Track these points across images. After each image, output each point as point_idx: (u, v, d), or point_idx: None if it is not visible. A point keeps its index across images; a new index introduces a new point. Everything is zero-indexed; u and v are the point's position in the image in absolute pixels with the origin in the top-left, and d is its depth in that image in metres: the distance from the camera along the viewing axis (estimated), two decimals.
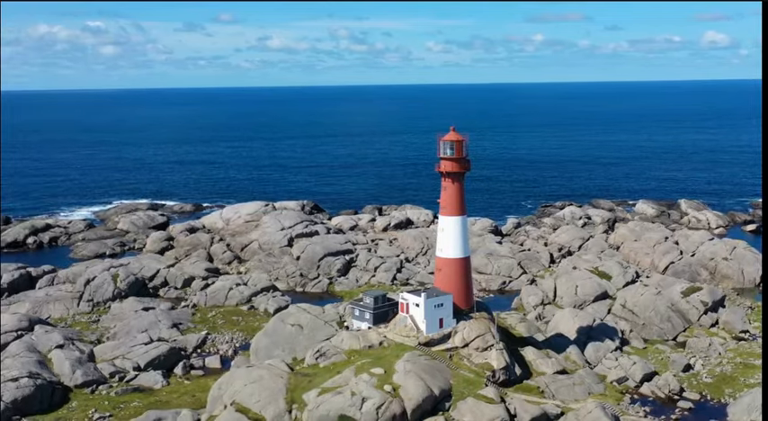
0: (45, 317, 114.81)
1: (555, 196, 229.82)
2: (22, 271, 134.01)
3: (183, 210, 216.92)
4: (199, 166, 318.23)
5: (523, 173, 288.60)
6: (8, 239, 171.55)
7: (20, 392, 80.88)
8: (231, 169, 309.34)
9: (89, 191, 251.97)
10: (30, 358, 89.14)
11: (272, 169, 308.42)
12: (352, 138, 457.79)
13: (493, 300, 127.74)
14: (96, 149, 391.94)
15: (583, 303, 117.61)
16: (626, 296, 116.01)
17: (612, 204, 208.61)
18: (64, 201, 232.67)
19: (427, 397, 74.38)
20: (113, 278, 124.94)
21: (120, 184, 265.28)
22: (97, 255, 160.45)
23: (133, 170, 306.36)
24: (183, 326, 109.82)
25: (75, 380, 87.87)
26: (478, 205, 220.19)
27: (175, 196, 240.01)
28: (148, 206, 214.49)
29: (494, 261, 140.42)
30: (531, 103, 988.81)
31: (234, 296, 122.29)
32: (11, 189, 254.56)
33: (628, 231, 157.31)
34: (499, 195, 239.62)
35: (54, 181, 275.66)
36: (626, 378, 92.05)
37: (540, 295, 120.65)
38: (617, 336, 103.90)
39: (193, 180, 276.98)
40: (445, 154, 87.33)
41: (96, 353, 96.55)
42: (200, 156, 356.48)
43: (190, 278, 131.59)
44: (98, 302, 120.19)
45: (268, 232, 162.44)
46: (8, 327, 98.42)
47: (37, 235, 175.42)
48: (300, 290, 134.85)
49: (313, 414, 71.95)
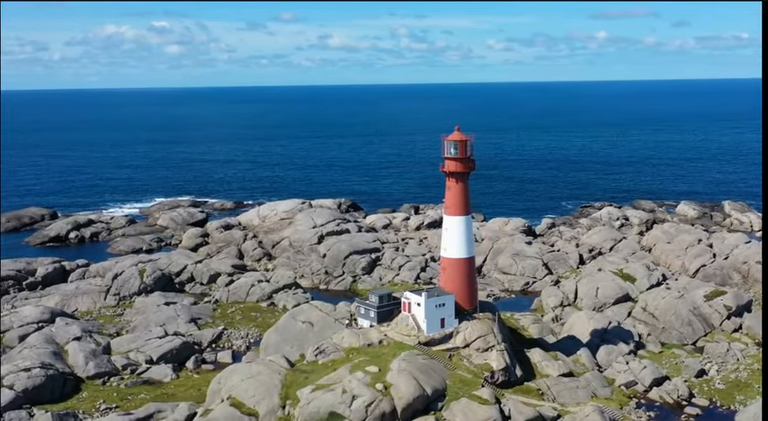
0: (72, 309, 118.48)
1: (597, 197, 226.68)
2: (57, 264, 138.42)
3: (224, 207, 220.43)
4: (245, 164, 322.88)
5: (570, 173, 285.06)
6: (51, 234, 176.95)
7: (31, 382, 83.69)
8: (277, 167, 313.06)
9: (137, 188, 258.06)
10: (46, 349, 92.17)
11: (318, 167, 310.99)
12: (405, 136, 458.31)
13: (514, 301, 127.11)
14: (151, 147, 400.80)
15: (603, 305, 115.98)
16: (647, 299, 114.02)
17: (654, 205, 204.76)
18: (111, 197, 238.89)
19: (418, 396, 74.53)
20: (140, 273, 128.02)
21: (167, 182, 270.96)
22: (134, 250, 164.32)
23: (182, 168, 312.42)
24: (201, 321, 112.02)
25: (88, 372, 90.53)
26: (516, 205, 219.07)
27: (218, 193, 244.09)
28: (190, 203, 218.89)
29: (519, 261, 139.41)
30: (591, 102, 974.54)
31: (255, 292, 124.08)
32: (64, 185, 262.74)
33: (661, 233, 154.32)
34: (540, 195, 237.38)
35: (106, 178, 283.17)
36: (635, 382, 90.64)
37: (560, 296, 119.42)
38: (632, 340, 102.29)
39: (238, 178, 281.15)
40: (450, 153, 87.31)
41: (113, 345, 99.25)
42: (248, 155, 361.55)
43: (215, 274, 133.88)
44: (124, 296, 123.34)
45: (300, 230, 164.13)
46: (30, 319, 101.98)
47: (79, 230, 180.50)
48: (324, 287, 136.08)
49: (304, 410, 72.83)
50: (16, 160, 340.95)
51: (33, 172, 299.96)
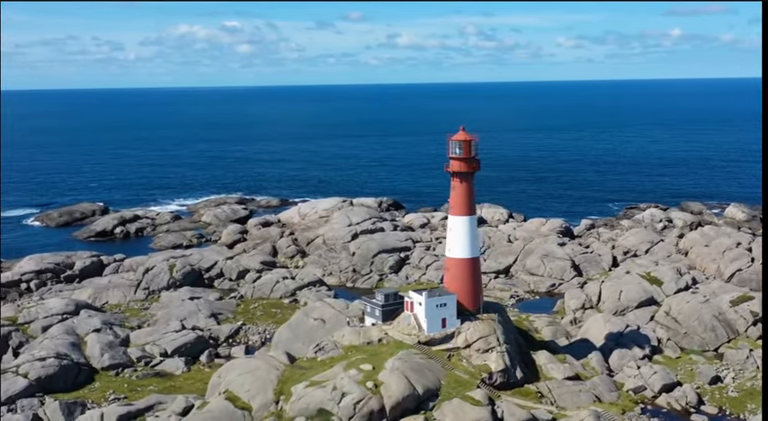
0: (103, 302, 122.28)
1: (646, 198, 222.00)
2: (95, 258, 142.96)
3: (269, 204, 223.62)
4: (298, 163, 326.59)
5: (623, 173, 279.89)
6: (98, 229, 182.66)
7: (44, 371, 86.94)
8: (328, 165, 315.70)
9: (189, 185, 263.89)
10: (65, 340, 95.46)
11: (368, 166, 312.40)
12: None
13: (537, 302, 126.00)
14: (209, 145, 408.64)
15: (625, 309, 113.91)
16: (671, 303, 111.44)
17: (703, 207, 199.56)
18: (162, 193, 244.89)
19: (408, 395, 74.71)
20: (170, 268, 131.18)
21: (219, 179, 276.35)
22: (174, 245, 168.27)
23: (235, 166, 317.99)
24: (222, 316, 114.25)
25: (103, 363, 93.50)
26: (560, 207, 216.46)
27: (267, 191, 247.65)
28: (237, 200, 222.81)
29: (547, 263, 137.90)
30: (664, 101, 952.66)
31: (279, 289, 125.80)
32: (119, 182, 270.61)
33: (699, 236, 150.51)
34: (587, 196, 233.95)
35: (160, 175, 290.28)
36: (644, 387, 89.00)
37: (583, 299, 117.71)
38: (648, 345, 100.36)
39: (288, 176, 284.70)
40: (454, 153, 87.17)
41: (132, 338, 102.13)
42: (302, 153, 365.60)
43: (244, 270, 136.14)
44: (153, 291, 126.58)
45: (335, 228, 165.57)
46: (55, 311, 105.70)
47: (124, 225, 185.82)
48: (351, 285, 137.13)
49: (295, 405, 73.84)
50: (80, 157, 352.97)
51: (93, 168, 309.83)
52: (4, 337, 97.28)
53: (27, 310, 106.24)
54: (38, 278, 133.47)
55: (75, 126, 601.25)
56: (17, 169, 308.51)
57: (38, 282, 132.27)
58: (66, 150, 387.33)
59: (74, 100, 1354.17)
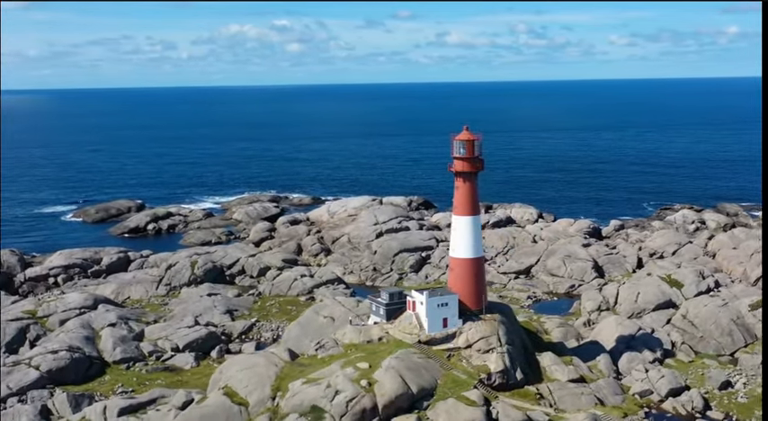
0: (125, 297, 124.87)
1: (683, 198, 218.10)
2: (122, 254, 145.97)
3: (302, 202, 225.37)
4: (336, 161, 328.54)
5: (662, 173, 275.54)
6: (131, 225, 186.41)
7: (56, 363, 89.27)
8: (366, 164, 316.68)
9: (225, 182, 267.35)
10: (79, 334, 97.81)
11: (405, 165, 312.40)
12: (506, 134, 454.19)
13: (554, 304, 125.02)
14: (249, 144, 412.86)
15: (642, 311, 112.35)
16: (689, 306, 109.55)
17: (739, 209, 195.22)
18: (198, 191, 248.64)
19: (401, 394, 74.97)
20: (192, 265, 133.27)
21: (255, 177, 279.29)
22: (203, 242, 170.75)
23: (273, 164, 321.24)
24: (237, 312, 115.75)
25: (114, 357, 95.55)
26: (593, 207, 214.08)
27: (301, 189, 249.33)
28: (270, 198, 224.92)
29: (568, 263, 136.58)
30: (716, 100, 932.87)
31: (296, 287, 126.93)
32: (157, 179, 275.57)
33: (728, 238, 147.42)
34: (622, 196, 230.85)
35: (199, 172, 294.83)
36: (650, 391, 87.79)
37: (599, 301, 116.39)
38: (660, 348, 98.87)
39: (325, 174, 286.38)
40: (459, 153, 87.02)
41: (146, 332, 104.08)
42: (342, 151, 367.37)
43: (265, 268, 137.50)
44: (174, 287, 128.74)
45: (360, 227, 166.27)
46: (73, 305, 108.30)
47: (157, 222, 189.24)
48: (370, 284, 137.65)
49: (289, 402, 74.68)
50: (122, 155, 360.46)
51: (134, 166, 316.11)
52: (23, 330, 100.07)
53: (47, 304, 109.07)
54: (65, 273, 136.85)
55: (120, 124, 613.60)
56: (59, 166, 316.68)
57: (65, 277, 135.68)
58: (109, 148, 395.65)
59: (125, 99, 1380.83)
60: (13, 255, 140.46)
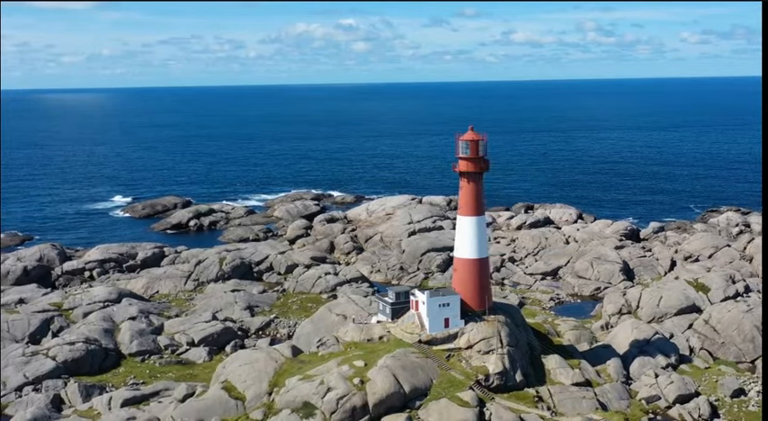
0: (154, 291, 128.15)
1: (733, 201, 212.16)
2: (156, 250, 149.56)
3: (345, 200, 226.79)
4: (386, 159, 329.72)
5: (717, 175, 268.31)
6: (173, 222, 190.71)
7: (71, 355, 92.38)
8: (416, 163, 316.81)
9: (274, 179, 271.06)
10: (98, 326, 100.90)
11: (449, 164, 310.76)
12: (566, 133, 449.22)
13: (577, 306, 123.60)
14: (304, 142, 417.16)
15: (663, 316, 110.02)
16: (712, 311, 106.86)
17: None
18: (246, 188, 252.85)
19: (393, 393, 75.29)
20: (220, 261, 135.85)
21: (303, 174, 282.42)
22: (241, 239, 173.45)
23: (324, 161, 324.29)
24: (258, 308, 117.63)
25: (131, 349, 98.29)
26: (638, 208, 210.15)
27: (347, 187, 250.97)
28: (313, 196, 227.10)
29: (596, 266, 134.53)
30: None
31: (320, 284, 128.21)
32: (208, 176, 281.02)
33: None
34: (671, 197, 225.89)
35: (250, 170, 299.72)
36: (657, 397, 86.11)
37: (620, 304, 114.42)
38: (675, 353, 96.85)
39: (372, 172, 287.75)
40: (465, 153, 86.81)
41: (166, 326, 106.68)
42: (395, 149, 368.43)
43: (293, 265, 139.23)
44: (202, 282, 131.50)
45: (395, 225, 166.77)
46: (98, 299, 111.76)
47: (199, 218, 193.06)
48: (396, 282, 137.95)
49: (283, 398, 75.82)
50: (177, 152, 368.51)
51: (188, 163, 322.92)
52: (47, 322, 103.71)
53: (72, 297, 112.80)
54: (101, 267, 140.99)
55: (181, 122, 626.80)
56: (116, 163, 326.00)
57: (100, 271, 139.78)
58: (165, 146, 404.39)
59: (193, 97, 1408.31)
60: (54, 249, 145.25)
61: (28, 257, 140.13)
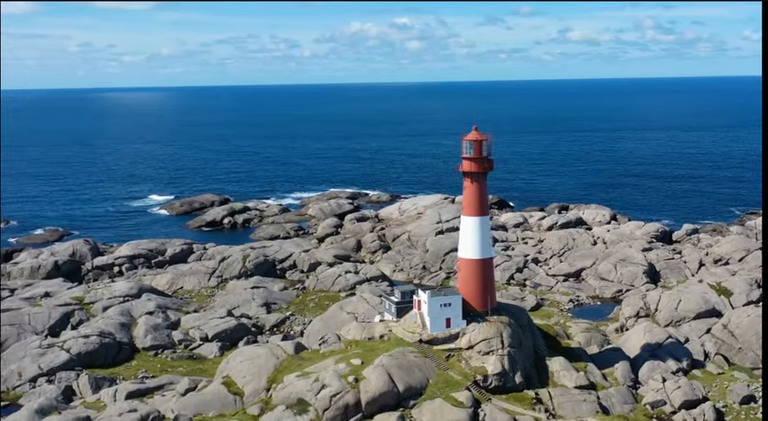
0: (178, 287, 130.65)
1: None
2: (185, 246, 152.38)
3: (380, 199, 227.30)
4: (427, 158, 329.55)
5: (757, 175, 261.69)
6: (208, 219, 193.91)
7: (85, 347, 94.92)
8: (452, 162, 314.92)
9: (313, 178, 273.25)
10: (115, 320, 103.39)
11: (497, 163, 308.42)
12: (616, 132, 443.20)
13: (596, 308, 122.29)
14: (347, 141, 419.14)
15: (681, 319, 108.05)
16: (732, 316, 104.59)
17: None
18: (284, 186, 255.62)
19: (386, 392, 75.62)
20: (243, 258, 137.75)
21: (341, 173, 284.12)
22: (272, 237, 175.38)
23: (364, 160, 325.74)
24: (276, 306, 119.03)
25: (145, 343, 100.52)
26: (677, 209, 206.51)
27: (384, 186, 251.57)
28: (349, 195, 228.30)
29: (620, 268, 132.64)
30: None
31: (339, 282, 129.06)
32: (250, 174, 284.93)
33: None
34: (713, 199, 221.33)
35: (291, 168, 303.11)
36: (663, 402, 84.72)
37: (638, 307, 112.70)
38: (687, 358, 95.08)
39: (411, 172, 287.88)
40: (468, 153, 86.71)
41: (182, 322, 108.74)
42: (435, 149, 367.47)
43: (316, 263, 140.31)
44: (225, 279, 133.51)
45: (423, 225, 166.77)
46: (118, 293, 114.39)
47: (233, 216, 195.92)
48: (417, 282, 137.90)
49: (279, 394, 76.83)
50: (222, 151, 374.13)
51: (230, 162, 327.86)
52: (67, 315, 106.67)
53: (94, 291, 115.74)
54: (130, 262, 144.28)
55: (232, 121, 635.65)
56: (160, 161, 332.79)
57: (128, 266, 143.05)
58: (210, 145, 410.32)
59: (249, 96, 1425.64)
60: (86, 245, 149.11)
61: (61, 252, 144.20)
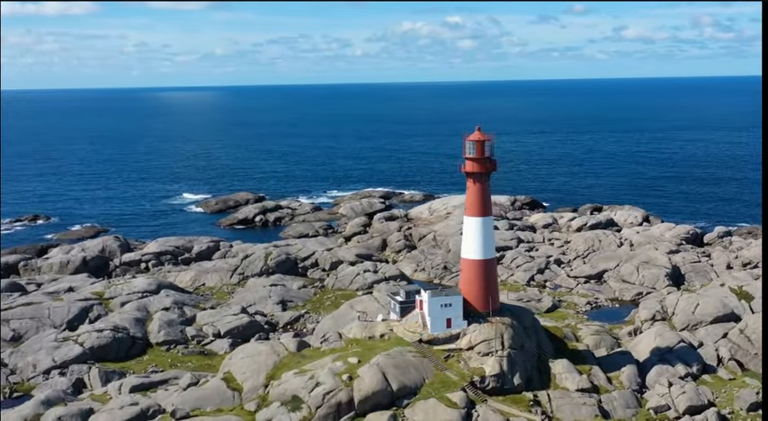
0: (200, 284, 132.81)
1: None
2: (212, 243, 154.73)
3: (413, 199, 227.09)
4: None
5: None
6: (240, 217, 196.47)
7: (98, 341, 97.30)
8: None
9: (349, 177, 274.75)
10: (131, 315, 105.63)
11: (537, 163, 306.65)
12: (663, 132, 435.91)
13: (613, 311, 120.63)
14: (389, 140, 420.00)
15: (698, 323, 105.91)
16: (749, 321, 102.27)
17: None
18: (320, 185, 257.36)
19: (379, 391, 75.93)
20: (266, 256, 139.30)
21: (378, 173, 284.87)
22: (301, 235, 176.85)
23: (403, 160, 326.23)
24: (291, 303, 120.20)
25: (158, 339, 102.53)
26: (714, 211, 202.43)
27: (419, 186, 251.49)
28: (382, 194, 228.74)
29: (642, 270, 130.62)
30: None
31: (357, 281, 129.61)
32: (288, 173, 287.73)
33: None
34: (751, 200, 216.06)
35: (330, 167, 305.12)
36: (667, 407, 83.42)
37: (654, 310, 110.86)
38: (697, 363, 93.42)
39: (449, 171, 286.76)
40: (471, 154, 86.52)
41: (197, 318, 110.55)
42: None
43: (337, 261, 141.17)
44: (246, 276, 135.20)
45: (450, 224, 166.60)
46: (137, 289, 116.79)
47: (264, 214, 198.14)
48: (438, 282, 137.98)
49: (275, 390, 77.80)
50: (262, 150, 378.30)
51: (270, 160, 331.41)
52: (86, 310, 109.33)
53: (114, 287, 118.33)
54: (156, 259, 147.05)
55: (275, 120, 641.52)
56: (200, 159, 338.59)
57: (155, 263, 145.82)
58: (251, 144, 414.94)
59: (299, 95, 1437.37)
60: (116, 241, 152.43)
61: (91, 248, 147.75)
